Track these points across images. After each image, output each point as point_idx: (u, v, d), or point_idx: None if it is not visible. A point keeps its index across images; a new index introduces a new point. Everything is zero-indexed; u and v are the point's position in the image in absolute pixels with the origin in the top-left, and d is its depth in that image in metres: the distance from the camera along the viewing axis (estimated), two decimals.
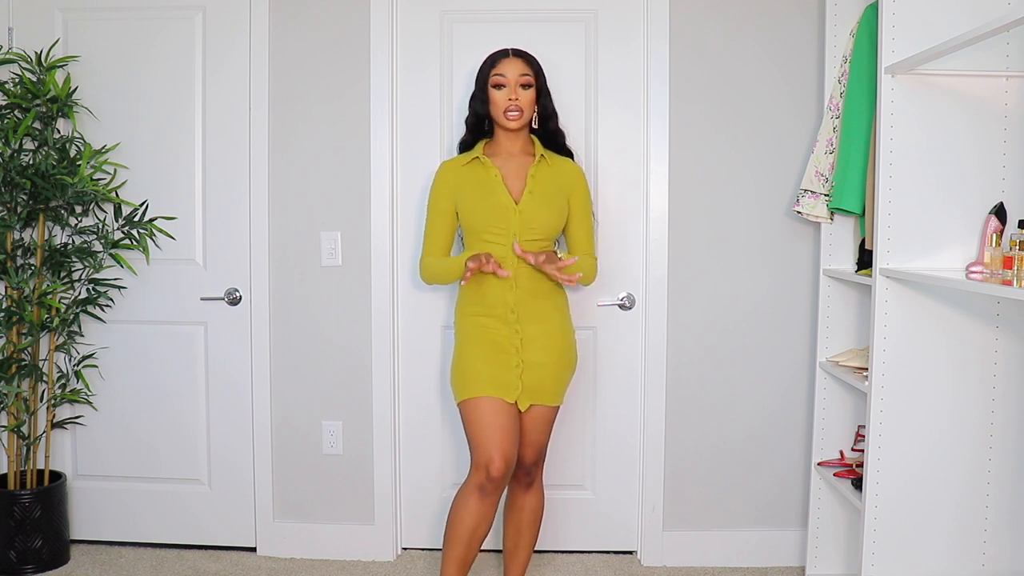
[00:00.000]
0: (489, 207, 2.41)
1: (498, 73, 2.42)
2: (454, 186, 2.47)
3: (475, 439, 2.36)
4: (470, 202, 2.44)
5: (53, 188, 2.76)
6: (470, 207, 2.43)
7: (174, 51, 2.97)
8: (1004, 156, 2.14)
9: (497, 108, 2.43)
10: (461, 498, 2.35)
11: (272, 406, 3.03)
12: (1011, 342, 2.18)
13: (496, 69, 2.42)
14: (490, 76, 2.42)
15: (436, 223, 2.51)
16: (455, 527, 2.34)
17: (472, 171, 2.47)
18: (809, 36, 2.86)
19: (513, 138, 2.48)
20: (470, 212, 2.43)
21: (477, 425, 2.35)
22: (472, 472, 2.34)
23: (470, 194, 2.44)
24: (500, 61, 2.43)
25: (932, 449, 2.19)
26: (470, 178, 2.46)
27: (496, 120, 2.46)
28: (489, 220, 2.41)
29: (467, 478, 2.36)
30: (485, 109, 2.46)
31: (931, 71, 2.10)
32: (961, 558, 2.21)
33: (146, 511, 3.09)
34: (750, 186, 2.92)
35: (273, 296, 3.00)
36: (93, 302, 2.91)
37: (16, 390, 2.79)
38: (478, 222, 2.42)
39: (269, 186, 2.97)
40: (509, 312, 2.40)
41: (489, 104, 2.44)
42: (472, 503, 2.32)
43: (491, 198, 2.41)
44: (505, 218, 2.40)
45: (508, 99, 2.40)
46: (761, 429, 2.98)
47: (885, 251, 2.16)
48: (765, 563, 2.98)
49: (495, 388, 2.36)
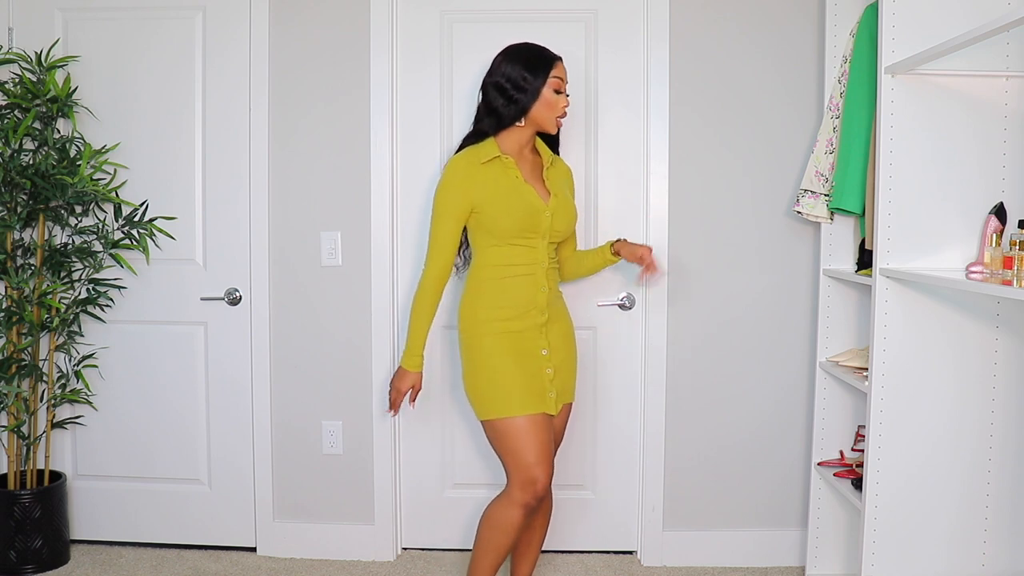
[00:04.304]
0: (521, 210, 2.30)
1: (558, 76, 2.33)
2: (472, 186, 2.31)
3: (515, 458, 2.28)
4: (498, 204, 2.30)
5: (53, 188, 2.76)
6: (499, 210, 2.30)
7: (174, 51, 2.97)
8: (1004, 156, 2.14)
9: (552, 111, 2.33)
10: (503, 515, 2.30)
11: (272, 406, 3.03)
12: (1011, 342, 2.18)
13: (555, 72, 2.33)
14: (550, 77, 2.32)
15: (449, 227, 2.34)
16: (498, 543, 2.31)
17: (492, 170, 2.33)
18: (809, 36, 2.86)
19: (527, 138, 2.39)
20: (499, 215, 2.30)
21: (518, 443, 2.27)
22: (515, 491, 2.29)
23: (495, 195, 2.30)
24: (556, 64, 2.34)
25: (932, 449, 2.19)
26: (491, 178, 2.32)
27: (539, 121, 2.35)
28: (523, 223, 2.31)
29: (508, 495, 2.31)
30: (528, 106, 2.32)
31: (931, 71, 2.11)
32: (961, 558, 2.21)
33: (146, 511, 3.09)
34: (750, 186, 2.92)
35: (273, 296, 3.00)
36: (93, 302, 2.91)
37: (16, 390, 2.79)
38: (510, 226, 2.30)
39: (269, 186, 2.97)
40: (540, 314, 2.35)
41: (541, 104, 2.33)
42: (517, 520, 2.30)
43: (521, 200, 2.31)
44: (538, 221, 2.34)
45: (563, 105, 2.35)
46: (761, 429, 2.98)
47: (885, 251, 2.16)
48: (765, 563, 2.98)
49: (534, 403, 2.29)
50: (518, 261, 2.34)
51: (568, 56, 2.89)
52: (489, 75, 2.37)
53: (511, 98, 2.32)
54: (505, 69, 2.33)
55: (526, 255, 2.34)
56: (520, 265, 2.34)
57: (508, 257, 2.34)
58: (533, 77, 2.31)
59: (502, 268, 2.34)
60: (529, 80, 2.31)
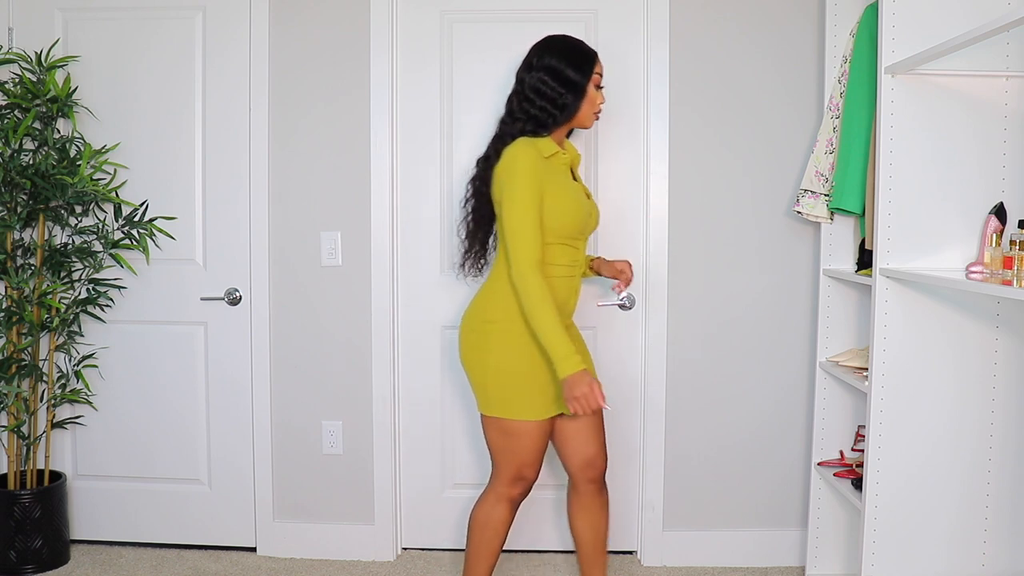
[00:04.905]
0: (578, 210, 2.25)
1: (599, 73, 2.28)
2: (541, 178, 2.18)
3: (513, 456, 2.27)
4: (558, 202, 2.21)
5: (53, 188, 2.76)
6: (559, 208, 2.21)
7: (174, 51, 2.97)
8: (1004, 156, 2.14)
9: (591, 107, 2.28)
10: (491, 513, 2.32)
11: (272, 406, 3.03)
12: (1011, 342, 2.18)
13: (597, 68, 2.27)
14: (593, 74, 2.26)
15: (537, 211, 2.16)
16: (490, 543, 2.32)
17: (551, 166, 2.24)
18: (809, 36, 2.86)
19: (565, 133, 2.35)
20: (559, 213, 2.21)
21: (521, 445, 2.26)
22: (505, 485, 2.30)
23: (556, 192, 2.20)
24: (596, 60, 2.28)
25: (932, 449, 2.19)
26: (551, 174, 2.22)
27: (579, 119, 2.29)
28: (579, 224, 2.27)
29: (494, 491, 2.32)
30: (578, 106, 2.26)
31: (931, 71, 2.10)
32: (961, 558, 2.21)
33: (146, 511, 3.09)
34: (750, 186, 2.92)
35: (273, 296, 3.01)
36: (93, 302, 2.91)
37: (16, 390, 2.79)
38: (570, 225, 2.24)
39: (269, 186, 2.97)
40: (567, 316, 2.33)
41: (586, 102, 2.26)
42: (506, 515, 2.32)
43: (576, 200, 2.26)
44: (588, 222, 2.32)
45: (601, 101, 2.30)
46: (761, 429, 2.98)
47: (885, 251, 2.16)
48: (765, 563, 2.98)
49: (550, 407, 2.26)
50: (562, 261, 2.27)
51: None
52: (529, 69, 2.28)
53: (558, 99, 2.24)
54: (550, 63, 2.24)
55: (570, 255, 2.29)
56: (563, 266, 2.28)
57: (554, 256, 2.25)
58: (580, 75, 2.24)
59: (547, 267, 2.24)
60: (575, 78, 2.23)
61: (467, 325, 2.34)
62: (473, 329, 2.31)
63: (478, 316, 2.30)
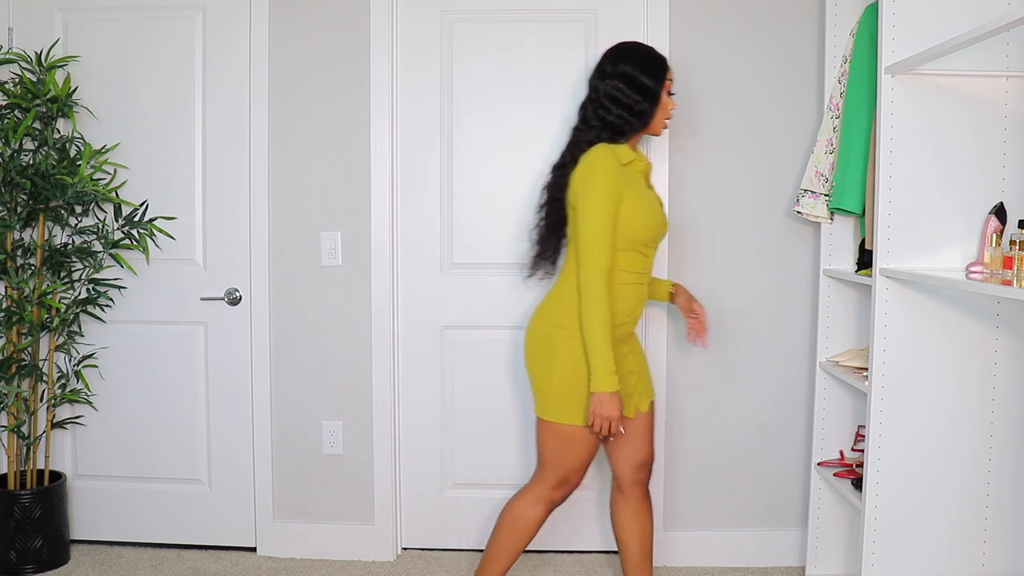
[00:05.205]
0: (654, 218, 2.26)
1: (670, 79, 2.30)
2: (619, 184, 2.18)
3: (564, 460, 2.29)
4: (636, 209, 2.20)
5: (53, 188, 2.76)
6: (637, 215, 2.20)
7: (174, 51, 2.97)
8: (1004, 156, 2.14)
9: (663, 113, 2.30)
10: (528, 511, 2.34)
11: (272, 406, 3.03)
12: (1011, 342, 2.18)
13: (669, 75, 2.29)
14: (666, 80, 2.28)
15: (612, 219, 2.16)
16: (520, 537, 2.35)
17: (628, 173, 2.24)
18: (809, 36, 2.86)
19: (638, 140, 2.34)
20: (636, 221, 2.21)
21: (576, 450, 2.27)
22: (546, 488, 2.32)
23: (634, 200, 2.20)
24: (668, 66, 2.30)
25: (932, 449, 2.19)
26: (629, 181, 2.22)
27: (652, 125, 2.30)
28: (655, 232, 2.27)
29: (535, 491, 2.34)
30: (653, 114, 2.27)
31: (931, 71, 2.10)
32: (961, 558, 2.21)
33: (146, 511, 3.09)
34: (750, 186, 2.92)
35: (273, 296, 3.01)
36: (93, 302, 2.91)
37: (16, 390, 2.79)
38: (645, 233, 2.24)
39: (269, 186, 2.97)
40: (632, 324, 2.33)
41: (659, 109, 2.28)
42: (542, 516, 2.35)
43: (652, 208, 2.26)
44: (662, 231, 2.32)
45: (671, 108, 2.32)
46: (761, 429, 2.98)
47: (885, 251, 2.16)
48: (765, 563, 2.98)
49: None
50: (634, 268, 2.28)
51: (568, 56, 2.91)
52: (603, 77, 2.28)
53: (634, 106, 2.24)
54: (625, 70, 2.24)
55: (642, 263, 2.30)
56: (635, 273, 2.28)
57: (626, 263, 2.26)
58: (655, 82, 2.26)
59: (619, 273, 2.25)
60: (650, 85, 2.25)
61: (534, 330, 2.34)
62: (541, 335, 2.31)
63: (547, 320, 2.30)
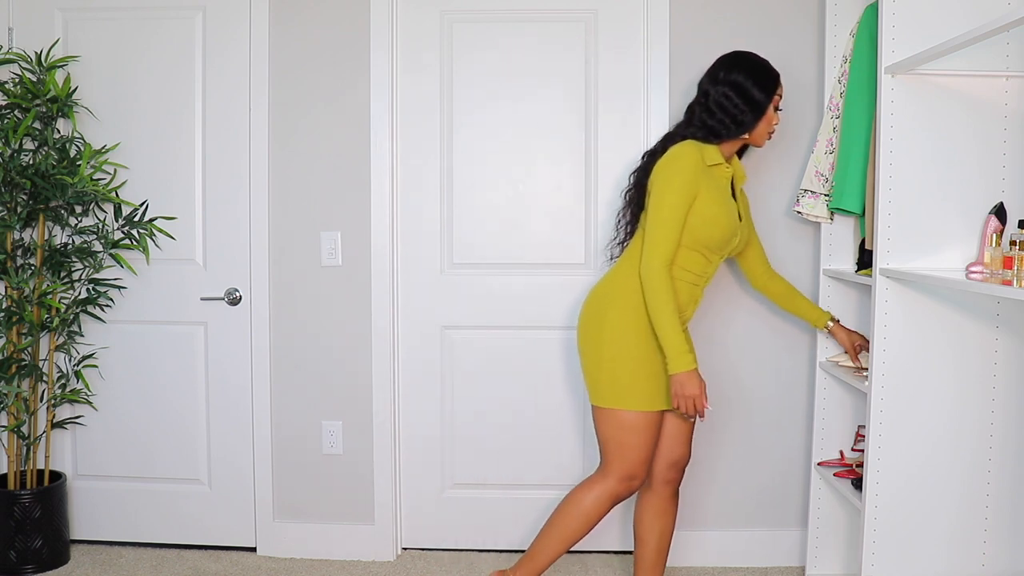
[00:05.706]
0: (727, 226, 2.28)
1: (780, 95, 2.33)
2: (699, 181, 2.22)
3: (627, 451, 2.29)
4: (710, 211, 2.23)
5: (53, 188, 2.76)
6: (709, 217, 2.24)
7: (174, 51, 2.97)
8: (1004, 156, 2.14)
9: (767, 126, 2.33)
10: (595, 504, 2.33)
11: (272, 406, 3.03)
12: (1011, 342, 2.18)
13: (779, 90, 2.32)
14: (775, 94, 2.31)
15: (684, 210, 2.21)
16: (575, 530, 2.34)
17: (712, 175, 2.27)
18: (809, 36, 2.86)
19: (735, 149, 2.38)
20: (708, 222, 2.24)
21: (636, 439, 2.28)
22: (612, 481, 2.32)
23: (710, 201, 2.24)
24: (779, 82, 2.33)
25: (932, 449, 2.19)
26: (710, 182, 2.25)
27: (754, 136, 2.34)
28: (723, 239, 2.29)
29: (602, 484, 2.33)
30: (754, 124, 2.31)
31: (931, 71, 2.10)
32: (961, 558, 2.21)
33: (146, 511, 3.09)
34: (750, 186, 2.91)
35: (273, 296, 3.00)
36: (93, 302, 2.91)
37: (16, 390, 2.79)
38: (713, 237, 2.27)
39: (269, 186, 2.97)
40: (684, 324, 2.33)
41: (763, 121, 2.31)
42: (605, 510, 2.34)
43: (728, 216, 2.28)
44: (732, 241, 2.34)
45: (776, 122, 2.35)
46: (761, 429, 2.98)
47: (885, 251, 2.16)
48: (765, 563, 2.98)
49: (663, 400, 2.29)
50: (692, 268, 2.31)
51: (568, 56, 2.91)
52: (715, 82, 2.32)
53: (738, 115, 2.28)
54: (737, 80, 2.28)
55: (702, 266, 2.32)
56: (691, 272, 2.31)
57: (686, 261, 2.29)
58: (764, 95, 2.29)
59: (676, 269, 2.28)
60: (759, 98, 2.28)
61: (588, 310, 2.38)
62: (592, 315, 2.35)
63: (600, 300, 2.35)
